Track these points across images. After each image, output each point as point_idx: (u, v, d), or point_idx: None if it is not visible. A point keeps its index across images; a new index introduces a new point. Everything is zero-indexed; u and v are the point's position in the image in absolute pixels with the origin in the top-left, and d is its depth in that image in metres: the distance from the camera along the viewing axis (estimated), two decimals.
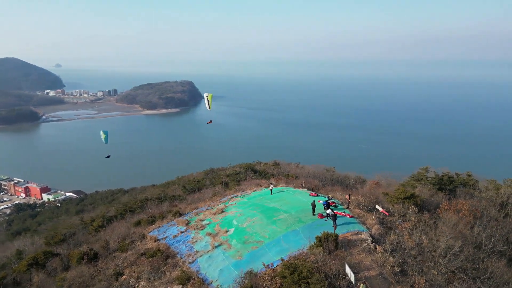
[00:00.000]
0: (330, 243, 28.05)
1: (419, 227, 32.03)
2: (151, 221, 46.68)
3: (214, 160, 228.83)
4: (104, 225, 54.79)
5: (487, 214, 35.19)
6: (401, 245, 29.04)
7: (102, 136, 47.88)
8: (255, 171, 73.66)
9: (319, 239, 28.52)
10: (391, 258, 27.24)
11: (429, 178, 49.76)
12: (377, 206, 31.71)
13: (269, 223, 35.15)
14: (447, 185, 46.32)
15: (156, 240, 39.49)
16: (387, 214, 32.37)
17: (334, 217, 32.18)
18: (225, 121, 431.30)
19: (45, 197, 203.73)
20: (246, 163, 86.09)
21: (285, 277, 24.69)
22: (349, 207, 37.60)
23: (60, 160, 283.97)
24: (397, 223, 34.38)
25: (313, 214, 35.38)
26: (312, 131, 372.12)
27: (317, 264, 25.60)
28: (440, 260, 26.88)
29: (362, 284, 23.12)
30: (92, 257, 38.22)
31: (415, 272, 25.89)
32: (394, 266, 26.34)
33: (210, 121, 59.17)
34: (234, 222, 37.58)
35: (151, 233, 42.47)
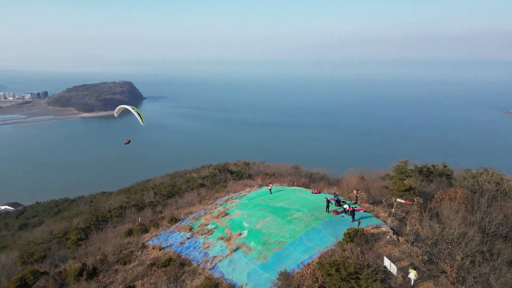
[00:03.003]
0: (360, 238, 28.73)
1: (426, 216, 34.08)
2: (144, 230, 43.93)
3: (167, 163, 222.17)
4: (82, 237, 50.33)
5: (477, 201, 38.44)
6: (420, 236, 30.65)
7: None
8: (231, 172, 72.68)
9: (348, 235, 29.02)
10: (417, 248, 28.67)
11: (409, 171, 53.13)
12: (398, 199, 33.08)
13: (285, 222, 34.94)
14: (428, 176, 49.82)
15: (161, 248, 37.27)
16: (409, 203, 33.87)
17: (353, 212, 33.03)
18: (171, 122, 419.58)
19: None
20: (221, 164, 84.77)
21: (330, 275, 24.76)
22: (357, 202, 38.78)
23: None
24: (402, 215, 36.26)
25: (327, 211, 35.88)
26: (264, 130, 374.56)
27: (358, 259, 26.07)
28: (455, 247, 28.87)
29: (411, 269, 24.01)
30: (91, 272, 35.02)
31: (444, 259, 27.49)
32: (423, 255, 27.74)
33: (128, 141, 54.20)
34: (245, 224, 36.76)
35: (150, 242, 40.04)
